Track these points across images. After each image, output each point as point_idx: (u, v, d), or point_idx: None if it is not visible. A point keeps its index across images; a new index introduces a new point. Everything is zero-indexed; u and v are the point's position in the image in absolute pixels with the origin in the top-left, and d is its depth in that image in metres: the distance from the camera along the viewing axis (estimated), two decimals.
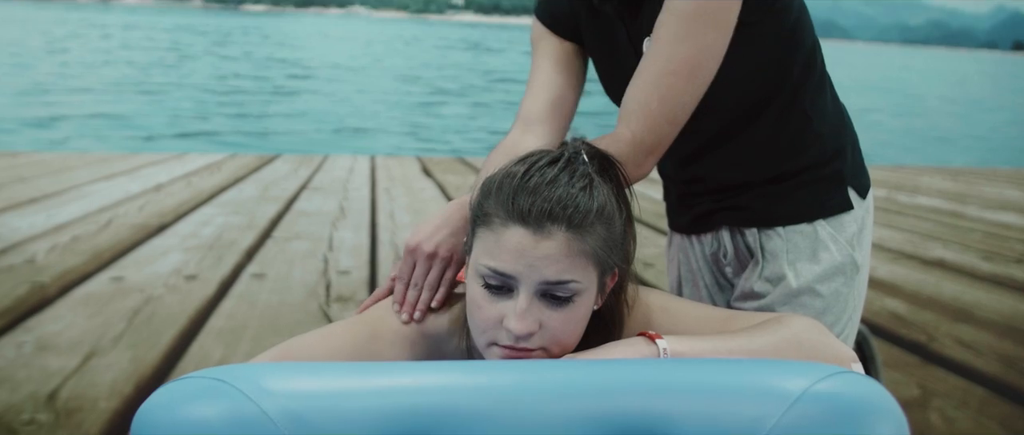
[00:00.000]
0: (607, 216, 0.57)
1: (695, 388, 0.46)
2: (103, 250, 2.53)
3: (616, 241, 0.58)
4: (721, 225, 0.86)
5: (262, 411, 0.42)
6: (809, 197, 0.82)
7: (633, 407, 0.45)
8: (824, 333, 0.57)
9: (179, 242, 2.69)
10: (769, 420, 0.44)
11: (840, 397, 0.45)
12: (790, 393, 0.45)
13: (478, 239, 0.57)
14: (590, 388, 0.46)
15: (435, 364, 0.49)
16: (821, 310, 0.81)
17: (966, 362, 1.90)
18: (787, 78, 0.79)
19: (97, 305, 2.02)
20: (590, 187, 0.57)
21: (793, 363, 0.49)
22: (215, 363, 1.68)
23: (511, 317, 0.55)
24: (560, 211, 0.55)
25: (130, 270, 2.34)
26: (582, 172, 0.57)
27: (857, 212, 0.83)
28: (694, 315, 0.63)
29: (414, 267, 0.66)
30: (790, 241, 0.81)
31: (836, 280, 0.81)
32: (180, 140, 6.59)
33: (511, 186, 0.56)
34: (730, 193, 0.84)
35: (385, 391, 0.44)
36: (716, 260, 0.89)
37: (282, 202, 3.42)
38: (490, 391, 0.45)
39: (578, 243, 0.55)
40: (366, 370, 0.47)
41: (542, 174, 0.56)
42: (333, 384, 0.45)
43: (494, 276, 0.55)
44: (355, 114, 9.18)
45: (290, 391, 0.43)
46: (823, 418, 0.44)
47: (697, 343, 0.55)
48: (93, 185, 3.64)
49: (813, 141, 0.82)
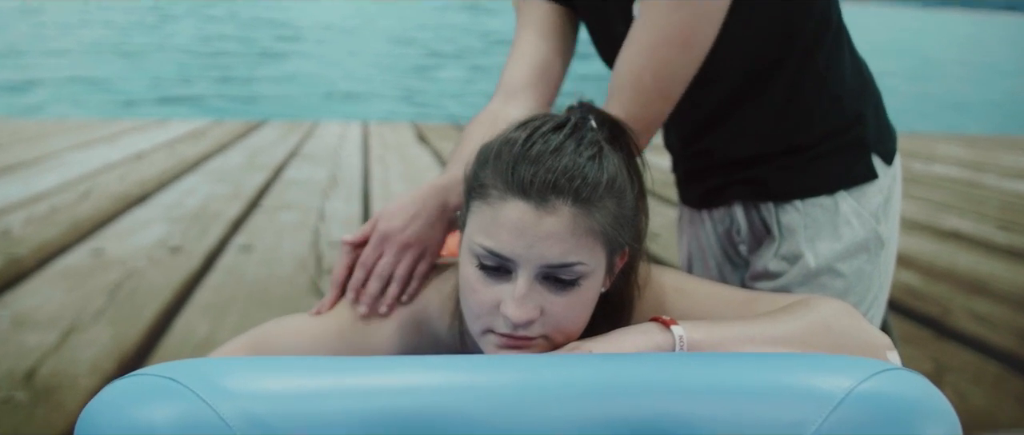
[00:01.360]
0: (618, 189, 0.53)
1: (722, 389, 0.42)
2: (82, 221, 2.50)
3: (627, 217, 0.54)
4: (733, 200, 0.82)
5: (218, 415, 0.38)
6: (829, 167, 0.77)
7: (649, 410, 0.41)
8: (855, 317, 0.54)
9: (162, 213, 2.66)
10: (808, 426, 0.41)
11: (888, 398, 0.42)
12: (832, 395, 0.41)
13: (472, 213, 0.53)
14: (600, 388, 0.42)
15: (420, 360, 0.45)
16: (843, 291, 0.77)
17: (981, 336, 1.90)
18: (798, 37, 0.74)
19: (76, 279, 2.00)
20: (599, 156, 0.52)
21: (833, 358, 0.46)
22: (201, 340, 1.67)
23: (509, 303, 0.51)
24: (566, 183, 0.50)
25: (111, 242, 2.31)
26: (591, 139, 0.53)
27: (882, 181, 0.79)
28: (712, 297, 0.60)
29: (380, 256, 0.62)
30: (809, 216, 0.78)
31: (859, 258, 0.78)
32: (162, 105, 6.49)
33: (511, 154, 0.51)
34: (742, 167, 0.80)
35: (361, 392, 0.41)
36: (728, 237, 0.85)
37: (270, 171, 3.37)
38: (483, 392, 0.41)
39: (585, 220, 0.51)
40: (340, 367, 0.43)
41: (546, 141, 0.52)
42: (301, 383, 0.41)
43: (490, 257, 0.51)
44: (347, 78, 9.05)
45: (251, 391, 0.40)
46: (869, 422, 0.41)
47: (716, 329, 0.51)
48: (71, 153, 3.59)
49: (831, 106, 0.77)
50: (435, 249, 0.63)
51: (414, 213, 0.63)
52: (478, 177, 0.53)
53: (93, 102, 6.57)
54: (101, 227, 2.46)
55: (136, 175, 3.19)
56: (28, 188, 2.91)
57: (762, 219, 0.81)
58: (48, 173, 3.17)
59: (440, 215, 0.64)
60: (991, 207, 3.35)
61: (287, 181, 3.24)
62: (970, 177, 4.01)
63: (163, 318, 1.77)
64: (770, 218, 0.80)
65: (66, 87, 7.26)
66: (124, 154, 3.62)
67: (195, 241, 2.36)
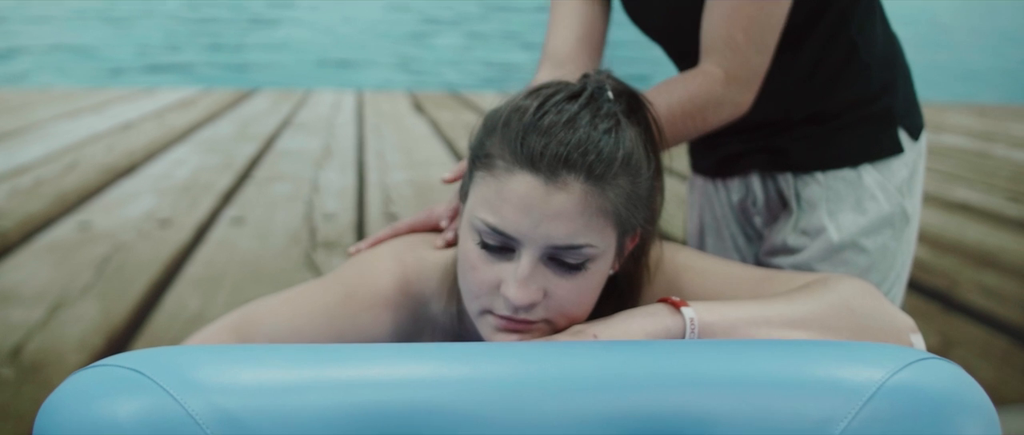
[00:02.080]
0: (634, 166, 0.50)
1: (741, 382, 0.40)
2: (68, 194, 2.48)
3: (641, 197, 0.51)
4: (750, 169, 0.79)
5: (185, 411, 0.36)
6: (853, 138, 0.75)
7: (661, 406, 0.38)
8: (878, 298, 0.52)
9: (151, 185, 2.63)
10: (837, 423, 0.38)
11: (922, 391, 0.39)
12: (862, 388, 0.39)
13: (476, 185, 0.50)
14: (606, 382, 0.39)
15: (409, 349, 0.42)
16: (866, 268, 0.75)
17: (989, 310, 1.89)
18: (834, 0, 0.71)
19: (63, 253, 1.98)
20: (616, 130, 0.49)
21: (860, 347, 0.43)
22: (191, 315, 1.65)
23: (510, 284, 0.48)
24: (579, 157, 0.47)
25: (98, 215, 2.29)
26: (607, 111, 0.50)
27: (908, 156, 0.77)
28: (724, 275, 0.57)
29: None
30: (831, 188, 0.75)
31: (883, 233, 0.75)
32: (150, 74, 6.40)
33: (520, 123, 0.48)
34: (762, 134, 0.77)
35: (344, 384, 0.38)
36: (743, 208, 0.82)
37: (262, 141, 3.34)
38: (478, 386, 0.38)
39: (597, 198, 0.48)
40: (322, 356, 0.40)
41: (559, 111, 0.49)
42: (279, 375, 0.38)
43: (492, 234, 0.48)
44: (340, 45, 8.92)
45: (223, 384, 0.37)
46: (902, 417, 0.38)
47: (729, 311, 0.49)
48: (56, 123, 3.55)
49: (859, 74, 0.74)
50: None
51: None
52: (483, 146, 0.50)
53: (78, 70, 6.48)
54: (88, 199, 2.43)
55: (123, 146, 3.16)
56: (12, 159, 2.88)
57: (779, 191, 0.78)
58: (32, 144, 3.14)
59: None
60: (1001, 178, 3.32)
61: (279, 151, 3.22)
62: (980, 147, 3.98)
63: (152, 293, 1.76)
64: (788, 190, 0.77)
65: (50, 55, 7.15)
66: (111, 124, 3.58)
67: (185, 214, 2.34)
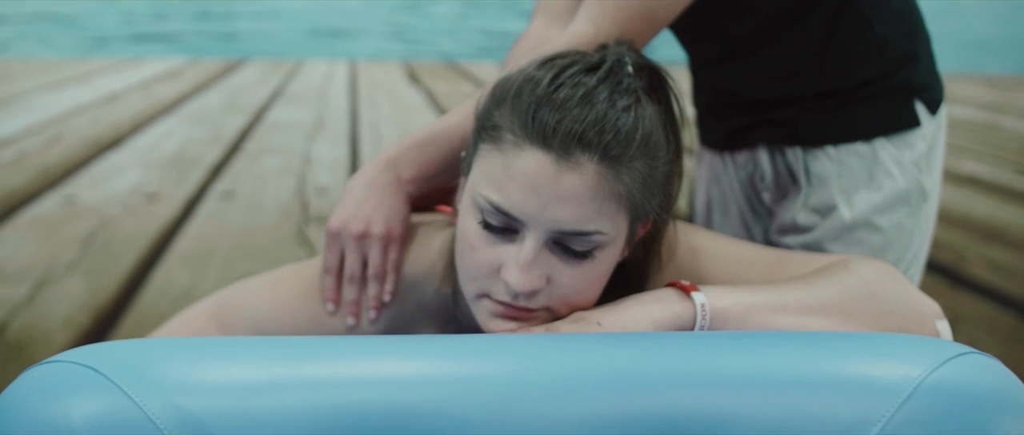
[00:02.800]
0: (652, 148, 0.46)
1: (764, 381, 0.36)
2: (52, 167, 2.44)
3: (658, 182, 0.48)
4: (757, 142, 0.76)
5: (144, 414, 0.33)
6: (867, 112, 0.71)
7: (676, 407, 0.35)
8: (900, 281, 0.49)
9: (137, 158, 2.60)
10: (872, 425, 0.35)
11: (963, 390, 0.37)
12: (898, 387, 0.36)
13: (480, 158, 0.47)
14: (614, 381, 0.36)
15: (395, 343, 0.39)
16: (880, 247, 0.72)
17: (996, 286, 1.88)
18: None
19: (47, 228, 1.95)
20: (636, 108, 0.46)
21: (894, 340, 0.40)
22: (180, 292, 1.63)
23: (512, 268, 0.45)
24: (595, 136, 0.44)
25: (83, 189, 2.25)
26: (627, 87, 0.46)
27: (926, 128, 0.73)
28: (736, 257, 0.54)
29: (342, 256, 0.55)
30: (843, 163, 0.72)
31: (899, 211, 0.72)
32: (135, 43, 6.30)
33: (533, 95, 0.45)
34: (769, 107, 0.74)
35: (321, 383, 0.34)
36: (752, 184, 0.79)
37: (252, 112, 3.31)
38: (471, 385, 0.35)
39: (611, 182, 0.45)
40: (296, 351, 0.37)
41: (576, 84, 0.45)
42: (248, 373, 0.35)
43: (496, 213, 0.45)
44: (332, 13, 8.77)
45: (186, 383, 0.34)
46: (941, 418, 0.36)
47: (743, 296, 0.46)
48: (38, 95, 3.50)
49: (874, 50, 0.71)
50: (399, 230, 0.57)
51: (363, 197, 0.56)
52: (491, 116, 0.47)
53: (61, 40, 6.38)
54: (72, 173, 2.40)
55: (109, 118, 3.12)
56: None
57: (788, 166, 0.75)
58: (14, 116, 3.09)
59: (394, 190, 0.57)
60: (1010, 151, 3.30)
61: (270, 124, 3.19)
62: (989, 119, 3.94)
63: (140, 269, 1.74)
64: (797, 165, 0.74)
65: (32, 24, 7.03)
66: (96, 95, 3.53)
67: (173, 188, 2.31)
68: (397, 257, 0.56)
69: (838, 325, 0.46)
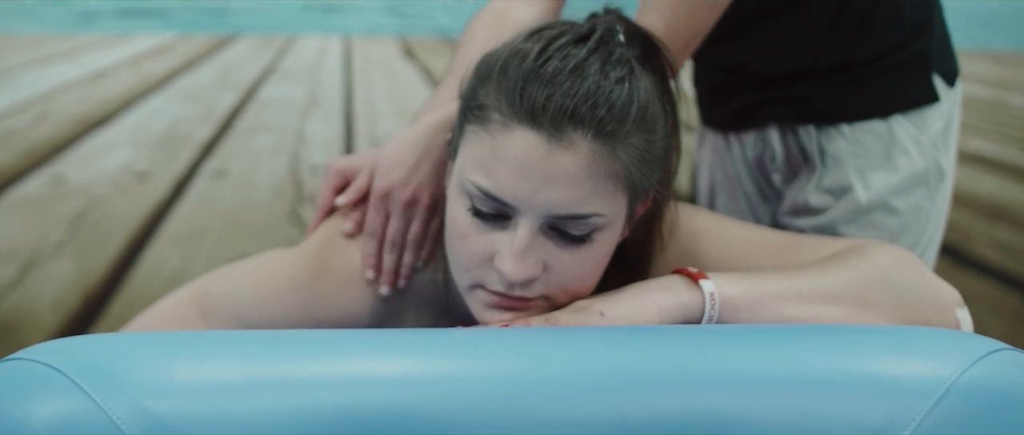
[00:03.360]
0: (649, 121, 0.44)
1: (784, 380, 0.34)
2: (40, 146, 2.42)
3: (656, 157, 0.45)
4: (768, 121, 0.74)
5: (108, 418, 0.31)
6: (884, 86, 0.69)
7: (688, 409, 0.33)
8: (919, 268, 0.47)
9: (127, 136, 2.57)
10: (901, 429, 0.33)
11: (997, 390, 0.34)
12: (930, 387, 0.34)
13: (467, 141, 0.45)
14: (621, 380, 0.34)
15: (382, 338, 0.37)
16: (897, 231, 0.70)
17: (1002, 265, 1.87)
18: None
19: (35, 208, 1.93)
20: (630, 79, 0.44)
21: (923, 336, 0.38)
22: (171, 273, 1.62)
23: (506, 257, 0.43)
24: (588, 111, 0.42)
25: (71, 168, 2.23)
26: (620, 57, 0.44)
27: (943, 105, 0.71)
28: (745, 241, 0.52)
29: (387, 219, 0.54)
30: (858, 142, 0.70)
31: (916, 192, 0.70)
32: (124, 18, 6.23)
33: (520, 70, 0.43)
34: (780, 84, 0.72)
35: (305, 384, 0.32)
36: (760, 165, 0.77)
37: (243, 89, 3.28)
38: (468, 385, 0.33)
39: (607, 160, 0.43)
40: (276, 349, 0.35)
41: (565, 57, 0.43)
42: (225, 372, 0.33)
43: (486, 200, 0.43)
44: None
45: (156, 384, 0.32)
46: (974, 420, 0.34)
47: (755, 284, 0.44)
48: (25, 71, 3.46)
49: (890, 18, 0.68)
50: (442, 196, 0.55)
51: (416, 160, 0.54)
52: (476, 95, 0.45)
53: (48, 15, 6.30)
54: (61, 152, 2.38)
55: (97, 95, 3.10)
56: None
57: (801, 145, 0.73)
58: (1, 93, 3.06)
59: (441, 157, 0.55)
60: (1016, 129, 3.27)
61: (262, 101, 3.16)
62: (996, 96, 3.91)
63: (130, 250, 1.73)
64: (810, 144, 0.72)
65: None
66: (84, 72, 3.49)
67: (163, 166, 2.28)
68: (438, 224, 0.54)
69: (854, 314, 0.44)
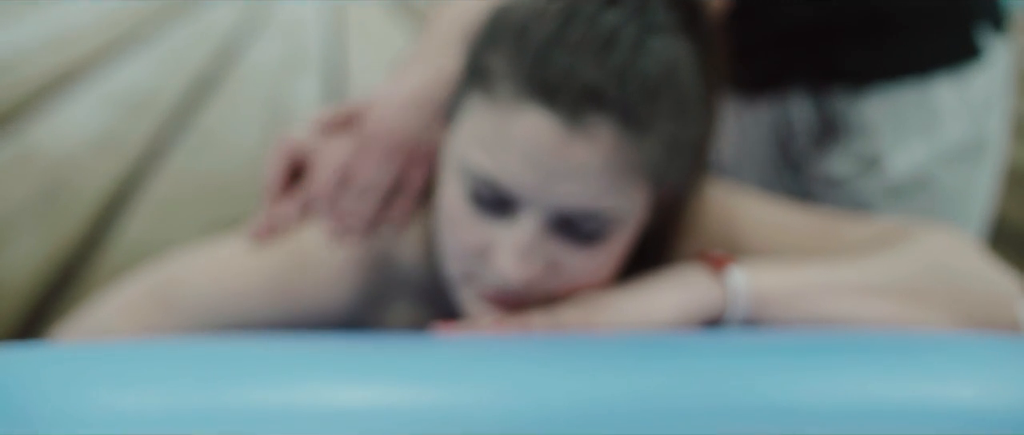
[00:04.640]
0: (685, 104, 0.39)
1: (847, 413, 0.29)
2: (2, 110, 2.36)
3: (689, 143, 0.40)
4: (790, 84, 0.68)
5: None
6: (922, 42, 0.65)
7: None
8: (976, 255, 0.43)
9: (97, 98, 2.52)
10: None
11: None
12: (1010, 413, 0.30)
13: (469, 111, 0.40)
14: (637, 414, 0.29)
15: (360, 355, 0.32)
16: (934, 208, 0.66)
17: None
18: None
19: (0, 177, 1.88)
20: (668, 54, 0.38)
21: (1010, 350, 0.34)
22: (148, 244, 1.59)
23: (505, 253, 0.38)
24: (616, 91, 0.36)
25: (37, 134, 2.19)
26: (659, 25, 0.38)
27: (990, 62, 0.66)
28: (778, 223, 0.46)
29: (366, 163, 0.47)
30: (893, 107, 0.65)
31: (959, 165, 0.66)
32: None
33: (539, 35, 0.37)
34: (805, 39, 0.66)
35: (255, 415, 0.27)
36: (780, 134, 0.72)
37: (223, 49, 3.22)
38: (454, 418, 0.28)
39: (631, 151, 0.37)
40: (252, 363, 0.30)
41: (593, 22, 0.37)
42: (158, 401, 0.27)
43: (487, 187, 0.38)
44: None
45: (99, 412, 0.26)
46: None
47: (788, 274, 0.40)
48: None
49: None
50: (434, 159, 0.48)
51: (417, 108, 0.47)
52: (482, 56, 0.39)
53: None
54: (25, 116, 2.32)
55: (65, 53, 3.01)
56: None
57: (827, 110, 0.67)
58: None
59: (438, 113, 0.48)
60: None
61: (243, 61, 3.09)
62: None
63: (103, 218, 1.71)
64: (838, 109, 0.67)
65: None
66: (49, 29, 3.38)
67: (136, 130, 2.25)
68: (420, 184, 0.47)
69: (906, 310, 0.39)
